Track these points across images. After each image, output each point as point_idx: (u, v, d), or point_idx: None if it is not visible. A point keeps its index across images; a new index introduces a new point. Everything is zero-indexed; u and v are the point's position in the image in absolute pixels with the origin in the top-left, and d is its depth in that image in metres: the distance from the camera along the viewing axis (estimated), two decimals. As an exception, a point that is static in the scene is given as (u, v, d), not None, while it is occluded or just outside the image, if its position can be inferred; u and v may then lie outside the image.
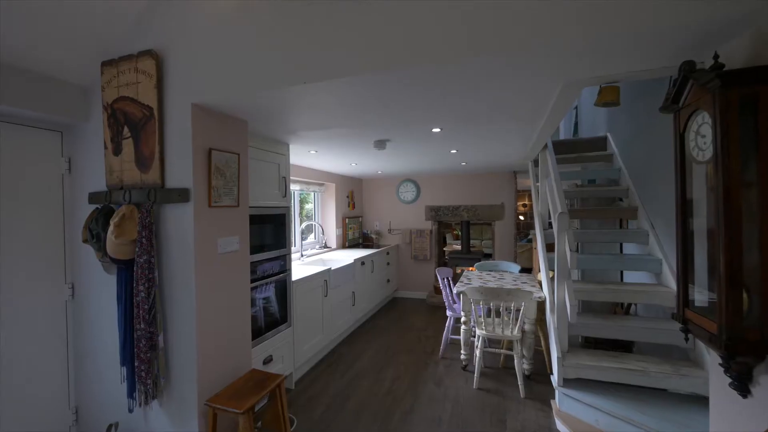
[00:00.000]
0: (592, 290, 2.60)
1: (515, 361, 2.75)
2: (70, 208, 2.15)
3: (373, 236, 5.76)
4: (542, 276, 2.98)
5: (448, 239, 8.11)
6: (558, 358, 2.29)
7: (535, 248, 6.92)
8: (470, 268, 5.41)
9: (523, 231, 7.84)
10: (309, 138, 2.75)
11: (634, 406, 2.04)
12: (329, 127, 2.36)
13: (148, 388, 1.77)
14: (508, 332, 2.78)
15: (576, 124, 5.45)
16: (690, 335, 1.30)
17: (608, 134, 3.98)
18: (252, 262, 2.41)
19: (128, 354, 1.83)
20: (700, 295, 1.26)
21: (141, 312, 1.74)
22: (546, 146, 3.27)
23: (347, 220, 5.34)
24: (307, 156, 3.47)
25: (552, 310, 2.59)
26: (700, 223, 1.26)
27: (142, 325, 1.74)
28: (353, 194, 5.66)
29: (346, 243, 5.32)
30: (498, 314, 3.27)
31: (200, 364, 1.79)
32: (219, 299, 1.93)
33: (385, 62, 1.41)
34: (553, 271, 2.72)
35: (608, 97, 1.54)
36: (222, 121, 1.97)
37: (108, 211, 1.89)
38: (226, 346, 1.97)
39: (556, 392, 2.30)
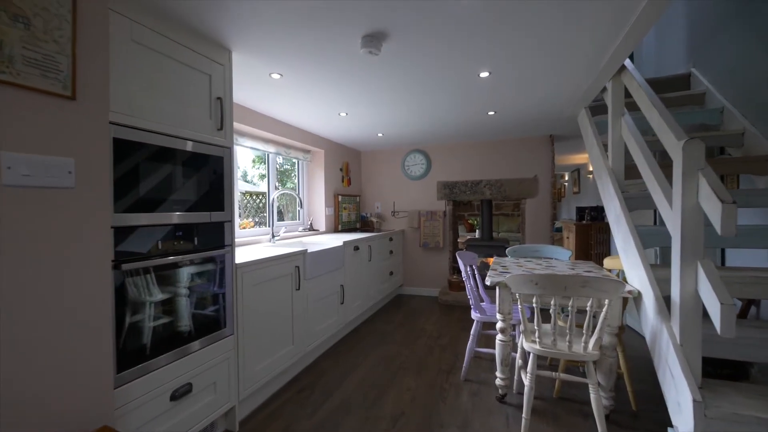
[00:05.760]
0: (727, 279, 1.55)
1: (591, 393, 1.69)
2: None
3: (374, 220, 4.71)
4: (624, 261, 1.91)
5: (460, 231, 7.03)
6: (694, 402, 1.23)
7: (567, 237, 5.79)
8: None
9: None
10: (261, 41, 1.72)
11: None
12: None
13: None
14: (578, 348, 1.72)
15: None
16: None
17: (693, 69, 2.89)
18: (140, 226, 1.39)
19: None
20: None
21: None
22: (623, 68, 2.20)
23: (340, 197, 4.31)
24: (271, 87, 2.43)
25: (664, 314, 1.52)
26: None
27: None
28: (349, 167, 4.61)
29: (339, 226, 4.29)
30: (561, 319, 2.21)
31: None
32: (14, 288, 0.91)
33: None
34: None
35: None
36: None
37: None
38: (34, 386, 0.95)
39: (689, 465, 1.25)
